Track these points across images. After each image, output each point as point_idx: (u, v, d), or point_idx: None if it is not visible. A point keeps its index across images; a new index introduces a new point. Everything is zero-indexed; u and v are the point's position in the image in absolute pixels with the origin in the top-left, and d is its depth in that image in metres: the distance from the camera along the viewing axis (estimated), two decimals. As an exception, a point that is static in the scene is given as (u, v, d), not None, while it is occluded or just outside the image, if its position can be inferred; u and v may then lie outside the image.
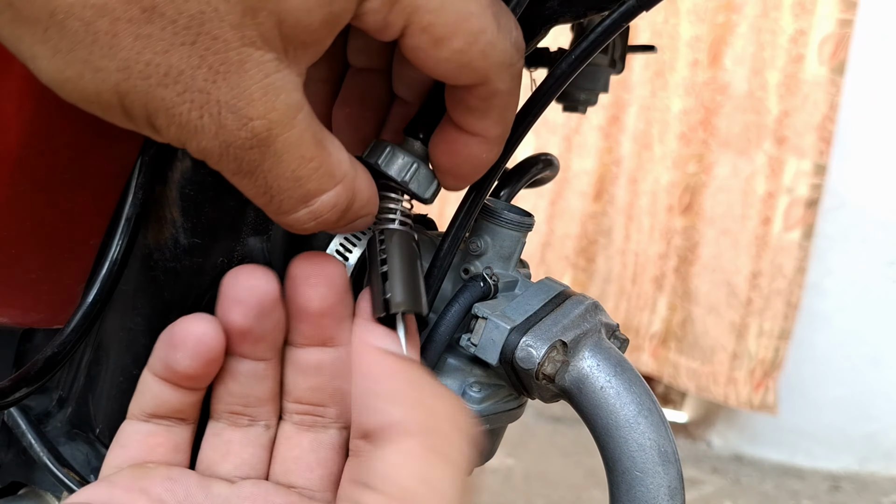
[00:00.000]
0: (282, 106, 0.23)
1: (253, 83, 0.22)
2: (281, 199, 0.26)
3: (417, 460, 0.24)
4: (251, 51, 0.22)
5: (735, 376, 2.25)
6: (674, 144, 2.39)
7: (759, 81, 2.18)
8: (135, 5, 0.20)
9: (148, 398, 0.30)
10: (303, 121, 0.25)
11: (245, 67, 0.22)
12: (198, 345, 0.28)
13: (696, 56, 2.30)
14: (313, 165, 0.25)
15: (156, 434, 0.31)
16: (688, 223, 2.35)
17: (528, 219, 0.39)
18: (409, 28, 0.25)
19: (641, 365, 2.45)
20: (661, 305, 2.42)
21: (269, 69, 0.23)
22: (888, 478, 2.36)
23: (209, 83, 0.22)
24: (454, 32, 0.25)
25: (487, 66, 0.26)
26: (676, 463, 0.35)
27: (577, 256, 2.61)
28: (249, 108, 0.23)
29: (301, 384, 0.31)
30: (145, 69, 0.21)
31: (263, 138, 0.24)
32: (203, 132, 0.23)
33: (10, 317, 0.36)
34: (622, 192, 2.52)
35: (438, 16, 0.24)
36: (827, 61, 2.07)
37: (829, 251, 2.26)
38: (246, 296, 0.29)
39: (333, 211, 0.27)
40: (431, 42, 0.25)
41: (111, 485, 0.29)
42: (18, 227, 0.32)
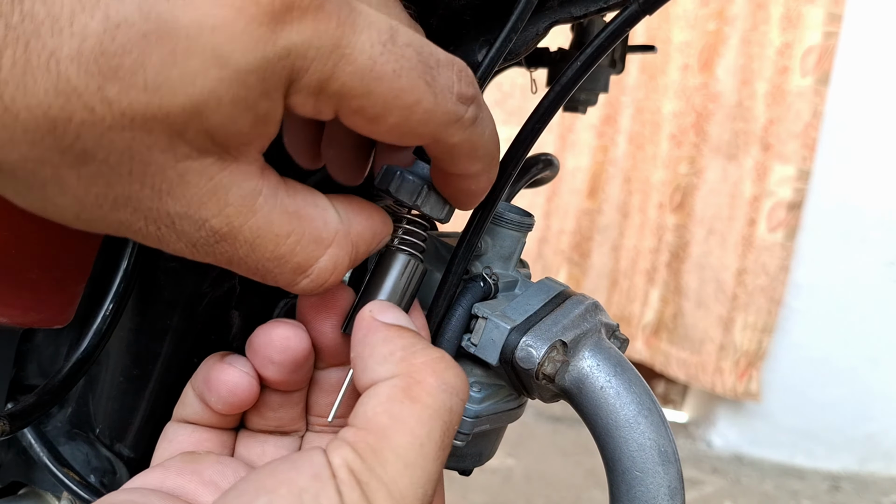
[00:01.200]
0: (235, 199, 0.24)
1: (198, 189, 0.23)
2: (275, 277, 0.27)
3: (388, 400, 0.26)
4: (189, 163, 0.23)
5: (721, 366, 2.36)
6: (665, 145, 2.43)
7: (748, 91, 2.25)
8: (68, 154, 0.21)
9: (189, 411, 0.32)
10: (264, 204, 0.25)
11: (186, 179, 0.23)
12: (230, 395, 0.31)
13: (687, 61, 2.34)
14: (292, 240, 0.26)
15: (201, 431, 0.33)
16: (679, 222, 2.43)
17: (528, 219, 0.39)
18: (341, 112, 0.25)
19: (634, 353, 2.55)
20: (653, 298, 2.51)
21: (211, 172, 0.23)
22: (888, 478, 2.36)
23: (156, 201, 0.23)
24: (387, 110, 0.25)
25: (431, 130, 0.26)
26: (676, 463, 0.35)
27: (572, 251, 2.65)
28: (202, 211, 0.24)
29: (322, 401, 0.34)
30: (96, 200, 0.23)
31: (226, 233, 0.24)
32: (166, 240, 0.24)
33: (10, 317, 0.36)
34: (616, 190, 2.55)
35: (367, 100, 0.24)
36: (811, 71, 2.15)
37: (829, 252, 2.27)
38: (280, 358, 0.30)
39: (336, 272, 0.27)
40: (366, 121, 0.25)
41: (164, 470, 0.30)
42: (19, 228, 0.32)
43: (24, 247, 0.33)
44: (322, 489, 0.23)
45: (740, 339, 2.33)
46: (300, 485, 0.24)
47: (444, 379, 0.27)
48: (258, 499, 0.23)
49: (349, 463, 0.24)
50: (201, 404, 0.32)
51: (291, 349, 0.30)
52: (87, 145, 0.21)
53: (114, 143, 0.21)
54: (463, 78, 0.27)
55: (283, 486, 0.24)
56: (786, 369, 2.36)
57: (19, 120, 0.20)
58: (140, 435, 0.43)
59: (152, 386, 0.41)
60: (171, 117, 0.21)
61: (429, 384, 0.26)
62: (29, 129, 0.21)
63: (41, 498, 0.46)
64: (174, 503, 0.28)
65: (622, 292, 2.60)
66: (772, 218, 2.26)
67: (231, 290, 0.40)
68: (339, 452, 0.25)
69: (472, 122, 0.27)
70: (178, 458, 0.31)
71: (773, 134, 2.23)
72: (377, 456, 0.25)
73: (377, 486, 0.24)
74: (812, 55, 2.15)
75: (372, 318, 0.29)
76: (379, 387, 0.27)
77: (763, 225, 2.28)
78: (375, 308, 0.30)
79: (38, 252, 0.34)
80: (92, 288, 0.38)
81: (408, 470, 0.25)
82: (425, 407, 0.26)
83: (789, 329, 2.33)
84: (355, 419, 0.26)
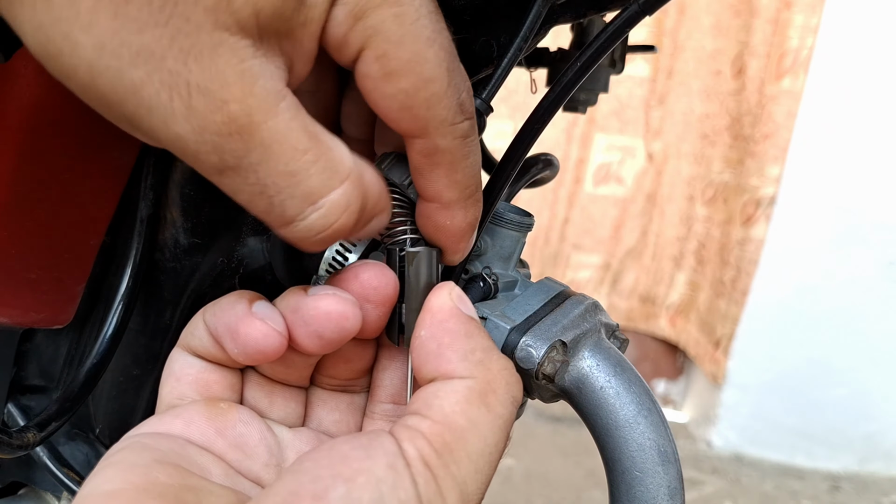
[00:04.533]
0: (261, 91, 0.23)
1: (227, 66, 0.22)
2: (282, 201, 0.24)
3: (465, 400, 0.26)
4: (226, 35, 0.22)
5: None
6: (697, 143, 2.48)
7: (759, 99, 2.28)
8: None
9: (198, 343, 0.31)
10: (287, 110, 0.24)
11: (219, 51, 0.22)
12: (255, 352, 0.28)
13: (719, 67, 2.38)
14: (309, 158, 0.24)
15: (209, 371, 0.31)
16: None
17: (527, 219, 0.39)
18: (365, 52, 0.25)
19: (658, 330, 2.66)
20: (678, 281, 2.58)
21: (244, 55, 0.22)
22: (888, 478, 2.36)
23: (179, 64, 0.22)
24: (405, 70, 0.25)
25: (428, 118, 0.26)
26: (676, 463, 0.35)
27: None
28: (223, 90, 0.22)
29: (340, 366, 0.33)
30: (118, 49, 0.21)
31: (243, 124, 0.23)
32: (173, 116, 0.22)
33: (10, 317, 0.36)
34: (649, 182, 2.59)
35: (395, 48, 0.24)
36: (796, 75, 2.18)
37: (830, 252, 2.27)
38: (332, 336, 0.28)
39: (348, 213, 0.26)
40: (382, 73, 0.25)
41: (186, 423, 0.29)
42: (19, 228, 0.32)
43: (24, 247, 0.33)
44: (399, 479, 0.23)
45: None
46: (377, 475, 0.23)
47: (513, 392, 0.28)
48: (336, 487, 0.23)
49: (424, 455, 0.24)
50: (213, 342, 0.30)
51: (347, 329, 0.28)
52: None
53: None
54: (470, 95, 0.27)
55: (360, 476, 0.23)
56: (786, 369, 2.36)
57: None
58: (140, 435, 0.43)
59: (152, 386, 0.41)
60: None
61: (501, 395, 0.27)
62: None
63: (41, 498, 0.46)
64: (207, 459, 0.28)
65: (649, 273, 2.71)
66: (751, 215, 2.29)
67: (231, 290, 0.40)
68: (413, 443, 0.25)
69: (463, 134, 0.27)
70: (199, 408, 0.30)
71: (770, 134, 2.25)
72: (453, 455, 0.25)
73: (451, 484, 0.24)
74: (789, 57, 2.19)
75: (454, 306, 0.29)
76: (455, 384, 0.27)
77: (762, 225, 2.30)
78: (456, 295, 0.29)
79: (38, 252, 0.34)
80: (91, 288, 0.38)
81: (478, 475, 0.25)
82: (497, 417, 0.27)
83: (789, 329, 2.33)
84: (430, 411, 0.26)
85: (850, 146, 2.19)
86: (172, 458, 0.26)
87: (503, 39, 0.34)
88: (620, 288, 2.67)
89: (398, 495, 0.23)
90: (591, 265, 2.66)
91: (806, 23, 2.17)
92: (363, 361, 0.34)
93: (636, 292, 2.67)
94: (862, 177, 2.21)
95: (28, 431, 0.34)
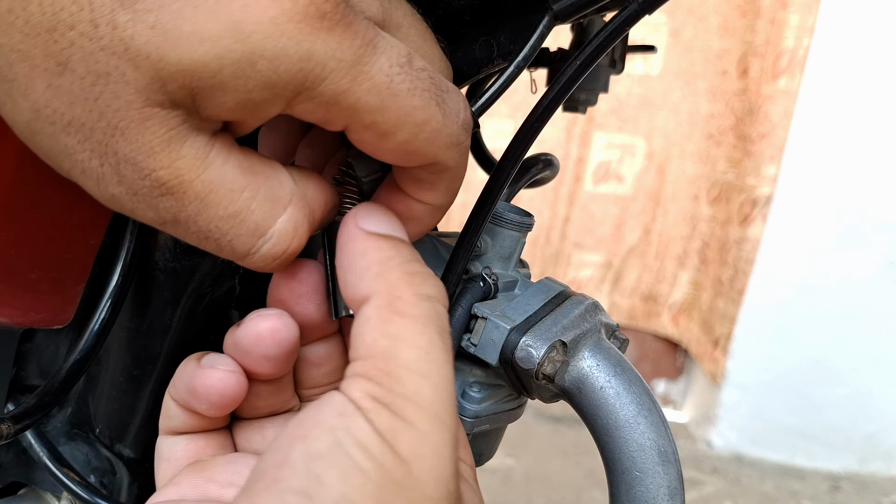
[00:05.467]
0: (189, 151, 0.23)
1: (154, 137, 0.23)
2: (230, 241, 0.25)
3: (378, 322, 0.25)
4: (156, 110, 0.22)
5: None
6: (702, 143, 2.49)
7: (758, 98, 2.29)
8: (52, 59, 0.21)
9: (176, 423, 0.31)
10: (217, 156, 0.24)
11: (146, 125, 0.23)
12: (221, 399, 0.29)
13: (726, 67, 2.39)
14: (247, 195, 0.25)
15: (195, 441, 0.31)
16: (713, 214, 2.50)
17: (527, 219, 0.39)
18: (352, 126, 0.25)
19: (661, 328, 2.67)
20: (682, 280, 2.58)
21: (173, 123, 0.23)
22: (888, 478, 2.36)
23: (108, 136, 0.23)
24: (398, 127, 0.25)
25: (435, 151, 0.27)
26: (676, 463, 0.35)
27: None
28: (150, 160, 0.23)
29: (314, 373, 0.33)
30: (52, 115, 0.22)
31: (174, 186, 0.24)
32: (105, 180, 0.23)
33: (10, 317, 0.36)
34: (651, 180, 2.59)
35: (380, 115, 0.24)
36: (792, 75, 2.19)
37: (829, 252, 2.27)
38: (276, 353, 0.29)
39: (298, 235, 0.26)
40: (376, 137, 0.25)
41: (177, 486, 0.29)
42: (19, 228, 0.32)
43: (24, 247, 0.33)
44: (351, 421, 0.23)
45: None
46: (330, 424, 0.23)
47: (420, 290, 0.27)
48: (294, 448, 0.23)
49: (368, 391, 0.24)
50: (186, 413, 0.30)
51: (285, 341, 0.29)
52: (73, 56, 0.21)
53: (98, 64, 0.21)
54: (467, 107, 0.28)
55: (314, 430, 0.23)
56: (786, 369, 2.36)
57: (26, 10, 0.21)
58: (140, 435, 0.43)
59: (152, 386, 0.41)
60: (164, 64, 0.21)
61: (408, 298, 0.26)
62: (31, 21, 0.21)
63: (41, 498, 0.46)
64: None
65: (652, 272, 2.72)
66: (749, 215, 2.29)
67: (231, 290, 0.40)
68: (355, 386, 0.24)
69: (466, 150, 0.28)
70: (185, 471, 0.30)
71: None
72: (392, 377, 0.24)
73: (403, 403, 0.24)
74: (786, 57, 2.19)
75: (354, 225, 0.28)
76: (364, 312, 0.26)
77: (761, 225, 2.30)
78: (360, 213, 0.29)
79: (38, 252, 0.34)
80: (92, 288, 0.38)
81: (425, 379, 0.25)
82: (414, 318, 0.26)
83: (789, 329, 2.33)
84: (356, 352, 0.26)
85: (848, 146, 2.19)
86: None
87: (503, 39, 0.34)
88: (622, 286, 2.67)
89: (354, 435, 0.23)
90: (592, 264, 2.66)
91: (802, 22, 2.17)
92: (333, 360, 0.33)
93: (638, 291, 2.67)
94: (860, 176, 2.21)
95: (2, 423, 0.34)
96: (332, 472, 0.22)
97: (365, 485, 0.22)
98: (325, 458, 0.22)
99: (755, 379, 2.39)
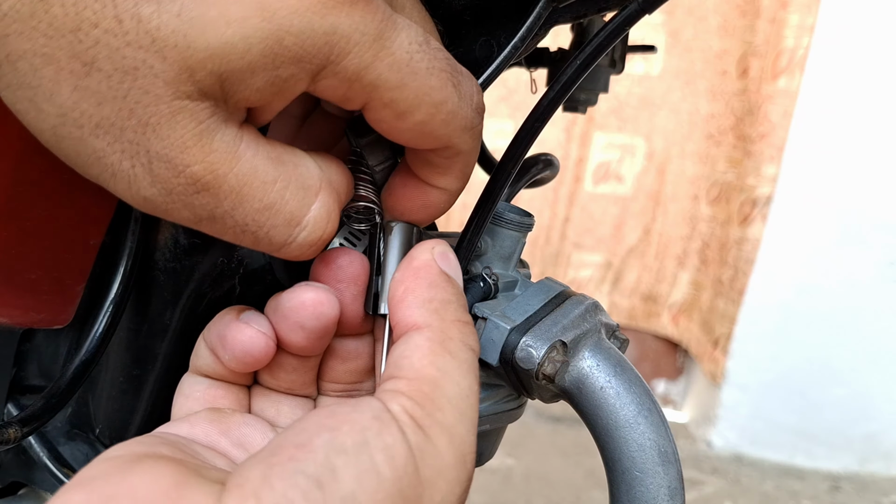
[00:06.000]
0: (220, 145, 0.23)
1: (185, 132, 0.23)
2: (267, 233, 0.25)
3: (429, 352, 0.27)
4: (185, 102, 0.22)
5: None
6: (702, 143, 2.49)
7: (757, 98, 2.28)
8: (77, 59, 0.21)
9: (202, 363, 0.32)
10: (247, 149, 0.24)
11: (177, 119, 0.22)
12: (245, 355, 0.30)
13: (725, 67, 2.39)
14: (280, 186, 0.25)
15: (217, 387, 0.32)
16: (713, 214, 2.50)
17: (527, 219, 0.39)
18: (371, 103, 0.25)
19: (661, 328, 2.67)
20: (682, 280, 2.59)
21: (203, 115, 0.23)
22: (888, 478, 2.36)
23: (139, 135, 0.22)
24: (416, 107, 0.25)
25: (449, 133, 0.27)
26: (676, 463, 0.35)
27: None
28: (183, 155, 0.23)
29: (338, 367, 0.34)
30: (79, 118, 0.22)
31: (209, 181, 0.23)
32: (138, 181, 0.23)
33: (10, 317, 0.36)
34: (651, 180, 2.59)
35: (400, 93, 0.25)
36: (792, 74, 2.19)
37: (829, 252, 2.27)
38: (313, 325, 0.29)
39: (332, 220, 0.27)
40: (394, 116, 0.26)
41: (191, 425, 0.30)
42: (19, 228, 0.32)
43: (24, 247, 0.33)
44: (384, 427, 0.24)
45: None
46: (362, 423, 0.24)
47: (467, 340, 0.28)
48: (319, 435, 0.23)
49: (408, 409, 0.25)
50: (213, 358, 0.31)
51: (325, 315, 0.29)
52: (99, 55, 0.21)
53: (125, 59, 0.21)
54: (479, 91, 0.28)
55: (344, 425, 0.23)
56: (786, 369, 2.36)
57: (49, 13, 0.21)
58: (140, 435, 0.43)
59: (152, 386, 0.41)
60: (191, 51, 0.21)
61: (458, 341, 0.28)
62: (55, 24, 0.21)
63: (41, 498, 0.46)
64: (212, 455, 0.28)
65: (652, 272, 2.72)
66: (749, 215, 2.30)
67: (231, 290, 0.40)
68: (396, 401, 0.25)
69: (479, 134, 0.29)
70: (204, 414, 0.30)
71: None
72: (434, 404, 0.25)
73: (439, 430, 0.25)
74: (786, 56, 2.19)
75: (432, 257, 0.30)
76: (415, 338, 0.27)
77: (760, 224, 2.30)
78: (440, 249, 0.30)
79: (38, 252, 0.34)
80: (92, 288, 0.38)
81: (463, 417, 0.26)
82: (462, 362, 0.27)
83: (789, 329, 2.33)
84: (401, 371, 0.26)
85: (847, 146, 2.19)
86: (175, 444, 0.27)
87: (503, 39, 0.34)
88: (622, 286, 2.67)
89: (384, 440, 0.23)
90: (592, 264, 2.66)
91: (802, 22, 2.17)
92: (360, 360, 0.34)
93: (638, 291, 2.67)
94: (860, 176, 2.21)
95: (10, 427, 0.34)
96: (349, 469, 0.22)
97: (377, 490, 0.22)
98: (348, 453, 0.22)
99: (755, 379, 2.39)
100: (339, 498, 0.21)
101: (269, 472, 0.22)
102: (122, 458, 0.23)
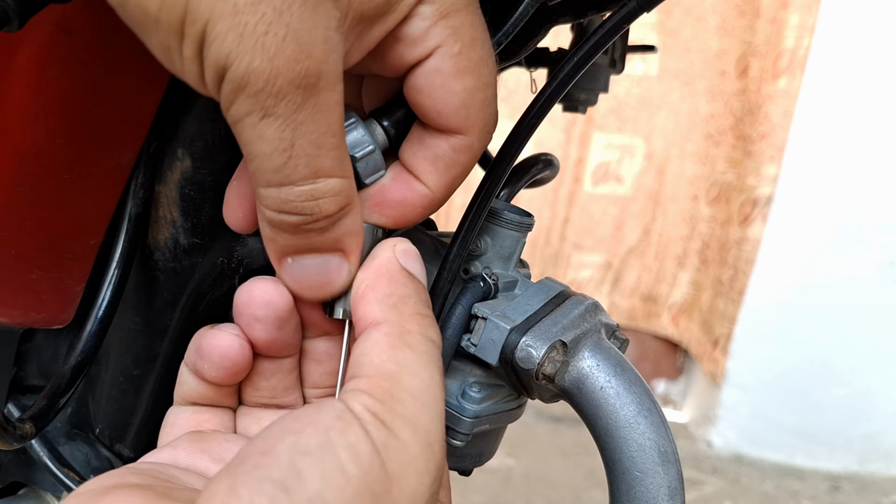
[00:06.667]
0: (333, 64, 0.24)
1: (319, 27, 0.23)
2: (296, 164, 0.25)
3: (388, 347, 0.27)
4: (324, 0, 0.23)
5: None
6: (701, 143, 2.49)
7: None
8: None
9: (187, 389, 0.33)
10: (340, 92, 0.25)
11: (318, 10, 0.23)
12: (223, 359, 0.31)
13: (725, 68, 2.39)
14: (334, 142, 0.26)
15: (202, 412, 0.33)
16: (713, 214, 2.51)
17: (527, 219, 0.39)
18: (442, 48, 0.27)
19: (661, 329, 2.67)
20: (682, 281, 2.59)
21: (331, 24, 0.24)
22: (888, 478, 2.36)
23: (285, 4, 0.22)
24: (473, 70, 0.27)
25: (477, 119, 0.29)
26: (676, 463, 0.35)
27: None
28: (313, 46, 0.23)
29: (316, 371, 0.34)
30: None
31: (311, 84, 0.24)
32: (262, 50, 0.22)
33: (10, 317, 0.36)
34: (650, 181, 2.59)
35: (469, 48, 0.27)
36: (793, 75, 2.19)
37: (829, 252, 2.27)
38: (264, 313, 0.30)
39: (332, 201, 0.27)
40: (453, 70, 0.27)
41: (173, 449, 0.30)
42: (19, 228, 0.32)
43: (24, 247, 0.33)
44: (347, 426, 0.24)
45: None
46: (325, 424, 0.24)
47: (426, 332, 0.28)
48: (283, 440, 0.23)
49: (369, 407, 0.25)
50: (197, 379, 0.32)
51: (274, 303, 0.30)
52: None
53: None
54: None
55: (308, 427, 0.24)
56: (786, 369, 2.36)
57: None
58: (140, 435, 0.43)
59: (152, 386, 0.41)
60: None
61: (416, 334, 0.28)
62: None
63: (41, 498, 0.46)
64: (190, 476, 0.28)
65: (651, 273, 2.72)
66: (749, 216, 2.30)
67: (231, 290, 0.40)
68: (357, 399, 0.25)
69: (487, 142, 0.31)
70: (185, 437, 0.31)
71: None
72: (395, 398, 0.25)
73: (402, 424, 0.25)
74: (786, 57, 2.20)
75: (391, 256, 0.30)
76: (374, 335, 0.27)
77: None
78: (401, 247, 0.30)
79: (38, 252, 0.34)
80: (92, 288, 0.38)
81: (425, 408, 0.26)
82: (421, 353, 0.27)
83: (789, 329, 2.33)
84: (362, 369, 0.27)
85: (848, 146, 2.19)
86: (150, 472, 0.27)
87: (502, 39, 0.34)
88: (622, 287, 2.67)
89: (348, 439, 0.23)
90: (592, 264, 2.66)
91: (802, 22, 2.17)
92: (334, 361, 0.34)
93: (638, 291, 2.66)
94: (860, 177, 2.21)
95: (25, 423, 0.34)
96: (314, 470, 0.22)
97: (343, 488, 0.22)
98: (312, 454, 0.23)
99: (755, 379, 2.39)
100: (307, 499, 0.22)
101: (235, 483, 0.22)
102: (92, 491, 0.24)
